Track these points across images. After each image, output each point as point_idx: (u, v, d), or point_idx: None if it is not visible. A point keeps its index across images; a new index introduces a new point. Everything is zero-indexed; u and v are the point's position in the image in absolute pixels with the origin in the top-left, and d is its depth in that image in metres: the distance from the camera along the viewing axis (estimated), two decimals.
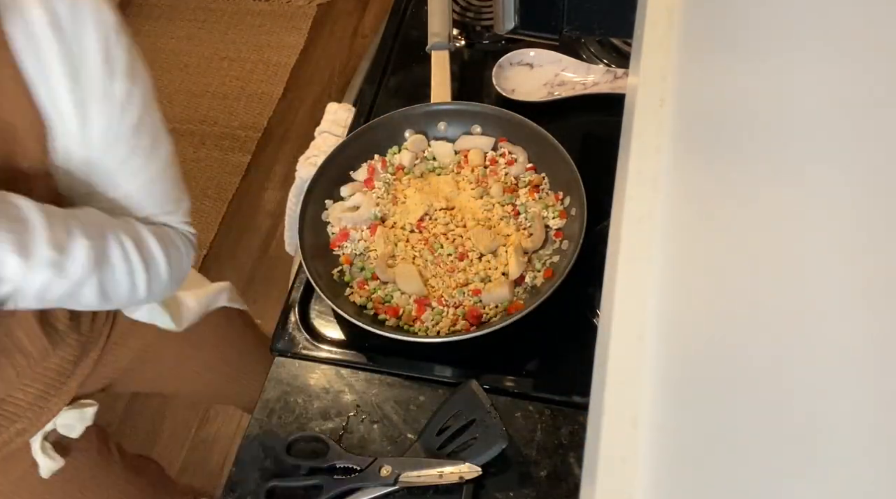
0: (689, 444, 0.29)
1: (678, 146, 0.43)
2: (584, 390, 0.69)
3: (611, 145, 0.53)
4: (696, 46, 0.46)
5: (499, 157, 0.94)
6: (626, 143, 0.47)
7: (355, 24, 2.59)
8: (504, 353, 0.81)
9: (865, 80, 0.21)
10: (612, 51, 1.08)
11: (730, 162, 0.34)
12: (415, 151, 0.96)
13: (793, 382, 0.22)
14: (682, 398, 0.32)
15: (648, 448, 0.33)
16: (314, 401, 0.81)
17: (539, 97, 1.02)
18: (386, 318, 0.83)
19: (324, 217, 0.92)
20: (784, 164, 0.27)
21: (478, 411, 0.74)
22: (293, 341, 0.85)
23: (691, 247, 0.36)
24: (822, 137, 0.23)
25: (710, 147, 0.38)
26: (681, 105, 0.45)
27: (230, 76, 2.48)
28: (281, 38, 2.57)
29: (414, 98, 1.01)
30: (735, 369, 0.27)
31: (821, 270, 0.21)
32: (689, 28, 0.48)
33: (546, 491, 0.72)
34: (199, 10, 2.68)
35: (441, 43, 1.04)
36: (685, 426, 0.30)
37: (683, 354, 0.33)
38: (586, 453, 0.38)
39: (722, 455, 0.26)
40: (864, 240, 0.19)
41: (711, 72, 0.41)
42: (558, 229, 0.87)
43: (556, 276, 0.80)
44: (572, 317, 0.83)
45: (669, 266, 0.38)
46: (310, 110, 2.36)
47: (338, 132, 1.03)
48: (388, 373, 0.82)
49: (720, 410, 0.27)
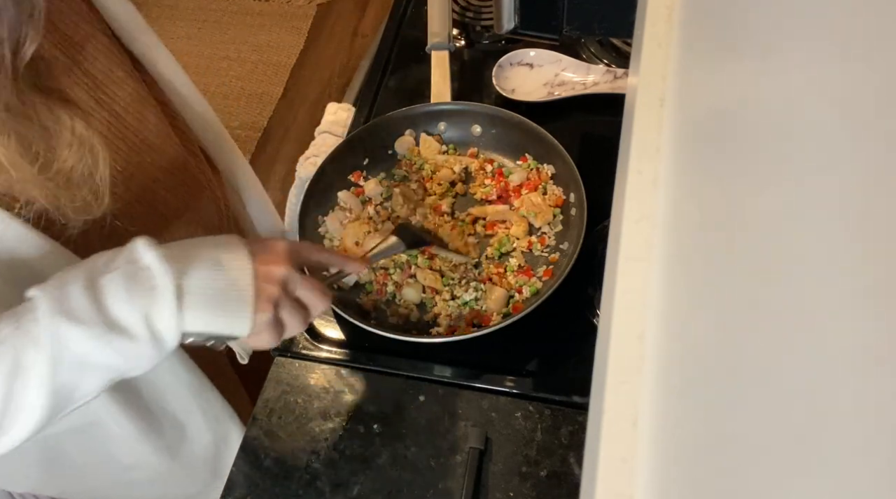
0: (689, 444, 0.29)
1: (678, 146, 0.43)
2: (584, 390, 0.69)
3: (611, 145, 0.53)
4: (696, 46, 0.46)
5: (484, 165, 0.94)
6: (626, 143, 0.47)
7: (355, 24, 2.59)
8: (504, 353, 0.81)
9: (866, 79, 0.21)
10: (612, 51, 1.08)
11: (730, 162, 0.34)
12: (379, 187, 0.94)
13: (793, 382, 0.22)
14: (682, 398, 0.32)
15: (648, 448, 0.33)
16: (314, 401, 0.81)
17: (539, 97, 1.02)
18: (386, 317, 0.83)
19: (321, 232, 0.92)
20: (784, 163, 0.26)
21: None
22: (293, 341, 0.85)
23: (691, 247, 0.36)
24: (823, 136, 0.23)
25: (710, 147, 0.38)
26: (681, 105, 0.45)
27: (230, 76, 2.48)
28: (281, 38, 2.57)
29: (414, 98, 1.01)
30: (735, 369, 0.27)
31: (821, 269, 0.21)
32: (689, 28, 0.48)
33: (546, 491, 0.72)
34: (199, 10, 2.68)
35: (441, 43, 1.04)
36: (685, 427, 0.30)
37: (683, 354, 0.33)
38: (586, 453, 0.38)
39: (722, 455, 0.26)
40: (865, 240, 0.19)
41: (711, 71, 0.41)
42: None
43: (556, 276, 0.80)
44: (572, 317, 0.83)
45: (669, 266, 0.38)
46: (310, 110, 2.36)
47: (338, 132, 1.03)
48: (388, 373, 0.82)
49: (720, 410, 0.27)
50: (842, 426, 0.18)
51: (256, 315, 0.56)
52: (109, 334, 0.51)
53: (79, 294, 0.51)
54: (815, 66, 0.25)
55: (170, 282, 0.52)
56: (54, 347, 0.50)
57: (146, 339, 0.52)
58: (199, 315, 0.54)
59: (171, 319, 0.52)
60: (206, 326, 0.55)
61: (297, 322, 0.61)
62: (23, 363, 0.50)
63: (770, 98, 0.30)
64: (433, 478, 0.74)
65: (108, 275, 0.52)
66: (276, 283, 0.57)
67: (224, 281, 0.54)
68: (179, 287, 0.52)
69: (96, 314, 0.51)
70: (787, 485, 0.21)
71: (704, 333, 0.31)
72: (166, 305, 0.52)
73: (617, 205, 0.46)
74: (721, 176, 0.35)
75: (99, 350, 0.51)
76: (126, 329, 0.52)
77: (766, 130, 0.30)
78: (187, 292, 0.53)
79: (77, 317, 0.50)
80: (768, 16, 0.32)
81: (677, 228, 0.39)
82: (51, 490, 0.89)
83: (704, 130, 0.39)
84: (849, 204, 0.21)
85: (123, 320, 0.51)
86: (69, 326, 0.50)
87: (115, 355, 0.52)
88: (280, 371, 0.83)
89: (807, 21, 0.27)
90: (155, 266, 0.52)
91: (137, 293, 0.52)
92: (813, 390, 0.20)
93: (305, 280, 0.61)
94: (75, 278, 0.52)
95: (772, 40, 0.31)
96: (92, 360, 0.52)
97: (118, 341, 0.51)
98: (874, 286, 0.18)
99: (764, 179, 0.29)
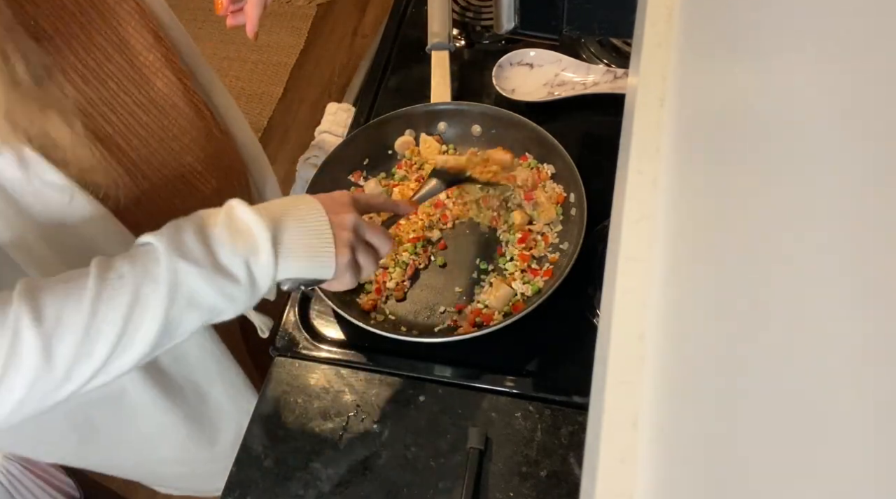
0: (689, 444, 0.29)
1: (678, 146, 0.43)
2: (584, 389, 0.69)
3: (611, 145, 0.53)
4: (696, 46, 0.46)
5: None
6: (626, 143, 0.47)
7: (355, 24, 2.59)
8: (504, 353, 0.81)
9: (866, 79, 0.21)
10: (612, 51, 1.08)
11: (730, 161, 0.34)
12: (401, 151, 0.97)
13: (793, 382, 0.22)
14: (682, 399, 0.32)
15: (648, 448, 0.33)
16: (314, 401, 0.81)
17: (539, 97, 1.02)
18: (385, 316, 0.83)
19: None
20: (784, 163, 0.26)
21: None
22: (293, 341, 0.85)
23: (691, 247, 0.36)
24: (823, 136, 0.23)
25: (710, 147, 0.38)
26: (681, 105, 0.45)
27: (230, 76, 2.48)
28: (281, 38, 2.57)
29: (414, 98, 1.01)
30: (735, 369, 0.27)
31: (821, 269, 0.21)
32: (689, 28, 0.48)
33: (546, 491, 0.72)
34: (199, 11, 2.67)
35: (441, 43, 1.04)
36: (685, 427, 0.30)
37: (683, 354, 0.33)
38: (586, 453, 0.38)
39: (722, 455, 0.26)
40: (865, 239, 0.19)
41: (711, 72, 0.41)
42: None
43: (556, 276, 0.80)
44: (572, 317, 0.83)
45: (669, 266, 0.38)
46: (310, 110, 2.36)
47: (338, 132, 1.03)
48: (388, 373, 0.82)
49: (720, 410, 0.27)
50: (842, 426, 0.18)
51: (337, 259, 0.63)
52: (217, 275, 0.58)
53: (192, 240, 0.58)
54: (814, 66, 0.25)
55: (266, 234, 0.59)
56: (171, 282, 0.56)
57: (246, 283, 0.60)
58: (291, 262, 0.61)
59: (268, 266, 0.60)
60: (297, 273, 0.63)
61: (370, 262, 0.68)
62: (142, 295, 0.56)
63: (770, 98, 0.30)
64: (433, 478, 0.74)
65: (215, 228, 0.59)
66: (348, 229, 0.65)
67: (309, 231, 0.62)
68: (274, 238, 0.60)
69: (207, 257, 0.58)
70: (787, 485, 0.21)
71: (704, 334, 0.31)
72: (264, 252, 0.59)
73: (617, 205, 0.46)
74: (721, 176, 0.35)
75: (207, 289, 0.58)
76: (231, 273, 0.59)
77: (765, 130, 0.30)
78: (280, 242, 0.60)
79: (192, 257, 0.57)
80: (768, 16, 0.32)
81: (677, 228, 0.39)
82: (79, 461, 0.97)
83: (704, 129, 0.39)
84: (849, 204, 0.21)
85: (229, 264, 0.58)
86: (185, 264, 0.56)
87: (219, 296, 0.59)
88: (280, 371, 0.83)
89: (807, 21, 0.27)
90: (252, 221, 0.59)
91: (241, 242, 0.59)
92: (813, 389, 0.20)
93: (370, 225, 0.68)
94: (187, 226, 0.59)
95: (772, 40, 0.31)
96: (199, 299, 0.58)
97: (224, 282, 0.58)
98: (874, 286, 0.18)
99: (764, 179, 0.29)
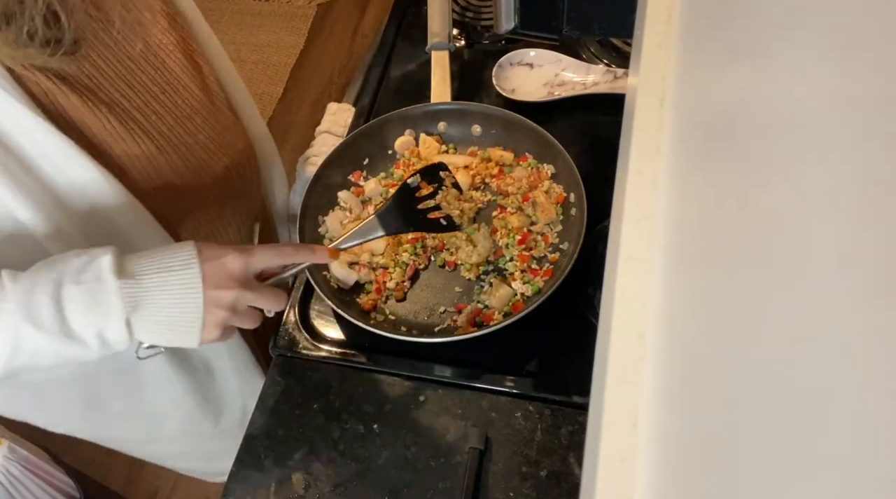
0: (689, 444, 0.29)
1: (678, 146, 0.43)
2: (584, 389, 0.69)
3: (611, 145, 0.53)
4: (696, 46, 0.46)
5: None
6: (626, 143, 0.47)
7: (355, 24, 2.59)
8: (504, 353, 0.81)
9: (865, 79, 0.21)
10: (612, 51, 1.08)
11: (730, 162, 0.34)
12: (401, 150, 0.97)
13: (793, 381, 0.22)
14: (682, 398, 0.32)
15: (648, 448, 0.33)
16: (314, 401, 0.81)
17: (539, 97, 1.02)
18: (385, 316, 0.83)
19: (321, 232, 0.92)
20: (784, 163, 0.26)
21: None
22: (293, 341, 0.85)
23: (691, 247, 0.36)
24: (823, 136, 0.23)
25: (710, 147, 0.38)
26: (681, 105, 0.45)
27: None
28: (281, 38, 2.57)
29: (414, 98, 1.01)
30: (735, 369, 0.27)
31: (821, 269, 0.21)
32: (689, 28, 0.48)
33: (546, 491, 0.72)
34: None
35: (441, 43, 1.04)
36: (685, 427, 0.30)
37: (683, 354, 0.33)
38: (586, 453, 0.38)
39: (721, 455, 0.26)
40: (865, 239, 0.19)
41: (711, 71, 0.41)
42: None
43: (556, 276, 0.80)
44: (572, 317, 0.83)
45: (669, 266, 0.38)
46: (310, 110, 2.36)
47: (338, 132, 1.03)
48: (387, 373, 0.82)
49: (720, 410, 0.27)
50: (842, 426, 0.18)
51: (203, 334, 0.63)
52: (66, 342, 0.59)
53: (45, 304, 0.58)
54: (814, 66, 0.25)
55: (121, 309, 0.59)
56: (14, 341, 0.58)
57: (97, 347, 0.61)
58: (146, 335, 0.62)
59: (121, 337, 0.61)
60: (156, 342, 0.64)
61: (247, 324, 0.67)
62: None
63: (770, 98, 0.30)
64: (433, 478, 0.74)
65: (73, 288, 0.59)
66: (224, 308, 0.63)
67: (174, 312, 0.62)
68: (132, 315, 0.60)
69: (57, 324, 0.58)
70: (787, 485, 0.21)
71: (704, 333, 0.31)
72: (115, 328, 0.60)
73: (617, 205, 0.46)
74: (721, 176, 0.35)
75: (54, 350, 0.60)
76: (81, 339, 0.60)
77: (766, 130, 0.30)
78: (140, 319, 0.61)
79: (40, 324, 0.58)
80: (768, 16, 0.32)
81: (677, 228, 0.39)
82: (87, 433, 0.99)
83: (704, 129, 0.39)
84: (849, 204, 0.21)
85: (79, 332, 0.59)
86: (32, 330, 0.58)
87: (68, 355, 0.61)
88: (280, 371, 0.83)
89: (807, 21, 0.27)
90: (112, 291, 0.59)
91: (94, 311, 0.59)
92: (813, 389, 0.20)
93: (257, 291, 0.65)
94: (45, 284, 0.59)
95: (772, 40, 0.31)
96: (48, 357, 0.60)
97: (73, 347, 0.60)
98: (875, 286, 0.18)
99: (764, 179, 0.29)
